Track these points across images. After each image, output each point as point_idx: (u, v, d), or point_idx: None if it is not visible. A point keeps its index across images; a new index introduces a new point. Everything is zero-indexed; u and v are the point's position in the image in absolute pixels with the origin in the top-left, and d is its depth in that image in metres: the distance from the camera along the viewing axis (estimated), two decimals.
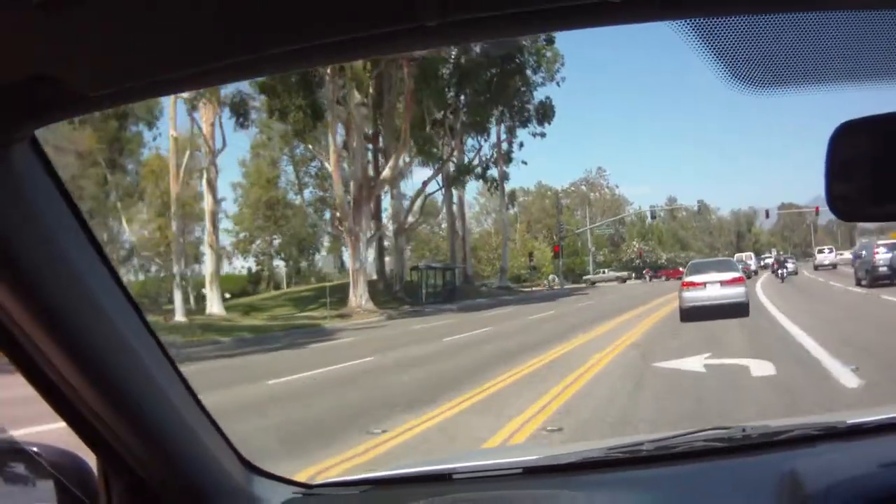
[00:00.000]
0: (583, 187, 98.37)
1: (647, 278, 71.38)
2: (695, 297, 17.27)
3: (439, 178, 47.27)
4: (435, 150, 41.07)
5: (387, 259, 46.76)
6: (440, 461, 1.94)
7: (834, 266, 47.09)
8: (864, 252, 26.29)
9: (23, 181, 0.97)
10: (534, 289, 66.05)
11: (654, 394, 8.39)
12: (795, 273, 44.11)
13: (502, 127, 55.50)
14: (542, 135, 55.88)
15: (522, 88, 45.41)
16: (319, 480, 1.73)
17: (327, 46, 0.84)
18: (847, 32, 0.89)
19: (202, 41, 0.81)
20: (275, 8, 0.76)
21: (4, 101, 0.86)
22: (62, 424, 1.19)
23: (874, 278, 23.84)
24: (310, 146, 36.44)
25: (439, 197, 54.65)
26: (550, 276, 67.15)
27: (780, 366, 9.32)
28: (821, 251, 52.77)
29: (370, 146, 40.40)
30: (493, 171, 50.53)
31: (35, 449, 1.24)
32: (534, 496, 1.59)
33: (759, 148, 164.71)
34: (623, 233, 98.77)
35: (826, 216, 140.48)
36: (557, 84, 49.96)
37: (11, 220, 0.96)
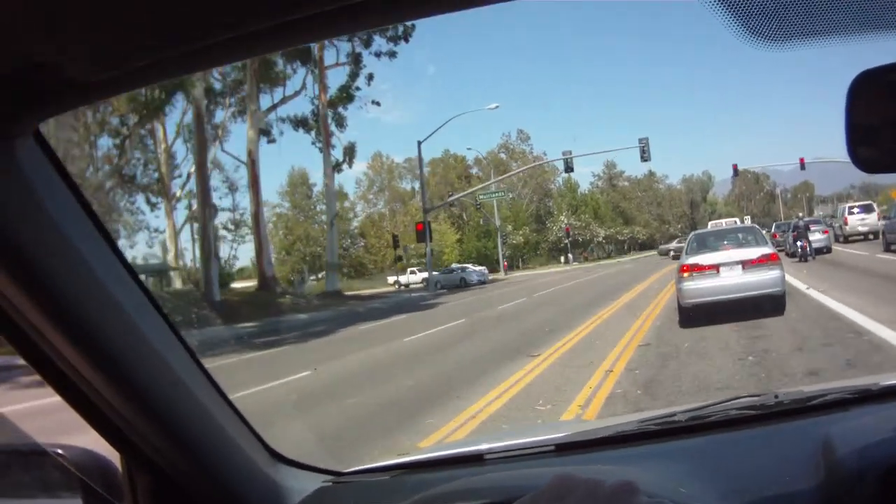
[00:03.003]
0: (501, 154, 78.38)
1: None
2: (703, 288, 10.83)
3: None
4: None
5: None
6: (472, 443, 1.91)
7: (874, 235, 26.67)
8: (893, 212, 22.05)
9: (28, 177, 0.93)
10: (396, 288, 45.83)
11: None
12: (829, 250, 24.40)
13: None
14: (391, 54, 36.54)
15: None
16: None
17: (335, 13, 0.78)
18: None
19: (204, 11, 0.77)
20: None
21: (1, 93, 0.84)
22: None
23: None
24: None
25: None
26: (422, 270, 46.22)
27: None
28: (851, 211, 31.22)
29: None
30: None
31: (59, 451, 1.23)
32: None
33: (711, 114, 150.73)
34: (550, 206, 78.60)
35: (787, 180, 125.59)
36: None
37: (19, 217, 0.94)
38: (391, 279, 52.97)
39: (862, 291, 11.80)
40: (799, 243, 22.42)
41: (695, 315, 10.95)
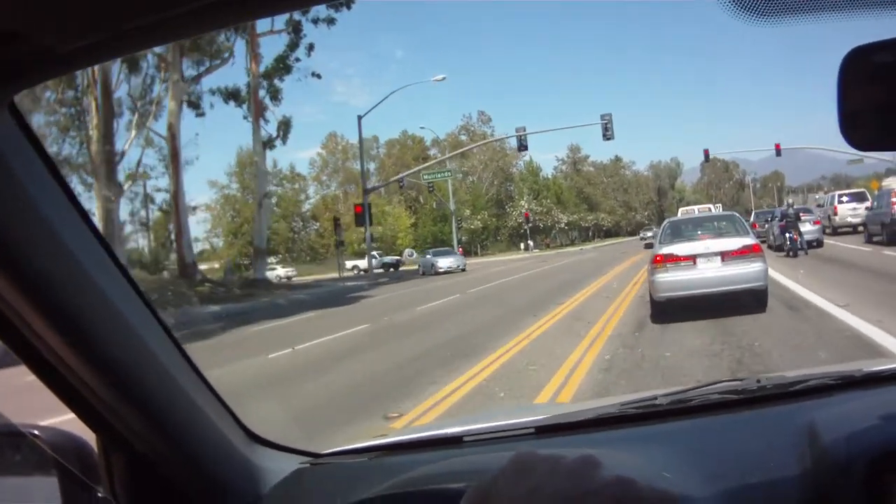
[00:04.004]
0: (462, 136, 74.57)
1: None
2: (678, 281, 9.78)
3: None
4: None
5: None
6: (451, 424, 1.88)
7: (863, 226, 23.02)
8: (875, 202, 21.36)
9: (3, 152, 0.90)
10: (354, 272, 41.95)
11: None
12: (819, 243, 20.93)
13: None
14: (330, 21, 32.78)
15: None
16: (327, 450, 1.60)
17: None
18: None
19: None
20: None
21: None
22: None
23: (893, 233, 18.44)
24: None
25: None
26: (371, 257, 42.48)
27: None
28: (842, 200, 27.52)
29: None
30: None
31: (35, 431, 1.22)
32: None
33: (679, 99, 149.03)
34: (511, 190, 75.08)
35: (757, 169, 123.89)
36: None
37: None
38: (350, 264, 51.03)
39: None
40: (788, 235, 18.91)
41: (667, 307, 9.88)
